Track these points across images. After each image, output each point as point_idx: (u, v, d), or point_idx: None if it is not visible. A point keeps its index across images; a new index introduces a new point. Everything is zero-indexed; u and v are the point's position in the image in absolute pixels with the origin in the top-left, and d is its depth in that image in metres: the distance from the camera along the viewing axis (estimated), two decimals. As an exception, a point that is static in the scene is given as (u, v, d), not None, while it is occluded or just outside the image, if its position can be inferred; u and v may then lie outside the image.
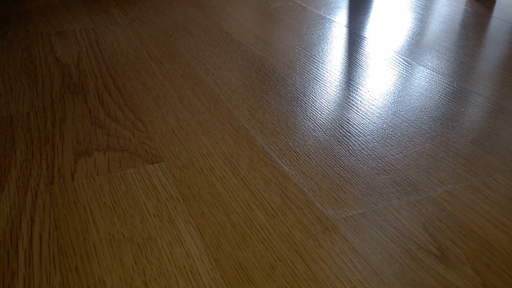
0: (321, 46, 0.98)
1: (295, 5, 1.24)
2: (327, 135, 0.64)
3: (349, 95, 0.77)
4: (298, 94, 0.76)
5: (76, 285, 0.40)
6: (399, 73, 0.86)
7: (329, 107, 0.72)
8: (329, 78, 0.82)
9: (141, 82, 0.79)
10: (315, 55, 0.92)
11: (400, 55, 0.94)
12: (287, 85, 0.79)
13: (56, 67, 0.84)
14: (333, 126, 0.67)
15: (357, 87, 0.79)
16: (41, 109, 0.69)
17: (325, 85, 0.80)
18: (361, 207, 0.50)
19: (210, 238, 0.45)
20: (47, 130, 0.63)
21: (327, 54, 0.93)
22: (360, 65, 0.89)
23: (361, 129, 0.66)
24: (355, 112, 0.71)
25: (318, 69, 0.86)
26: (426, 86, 0.81)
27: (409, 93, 0.78)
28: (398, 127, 0.67)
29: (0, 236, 0.45)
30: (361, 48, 0.98)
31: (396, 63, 0.90)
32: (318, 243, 0.45)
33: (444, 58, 0.93)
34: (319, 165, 0.57)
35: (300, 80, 0.81)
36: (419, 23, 1.17)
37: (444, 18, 1.21)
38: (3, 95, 0.73)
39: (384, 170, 0.57)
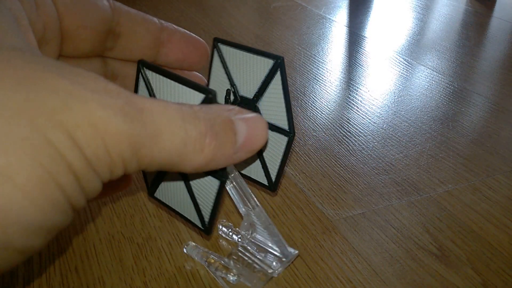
0: (321, 45, 0.97)
1: (295, 5, 1.24)
2: (327, 135, 0.64)
3: (349, 95, 0.77)
4: (298, 94, 0.76)
5: (76, 285, 0.40)
6: (400, 73, 0.86)
7: (329, 107, 0.72)
8: (329, 78, 0.82)
9: (141, 81, 0.79)
10: (315, 55, 0.92)
11: (400, 55, 0.94)
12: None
13: (56, 66, 0.84)
14: (333, 126, 0.67)
15: (357, 87, 0.79)
16: (41, 109, 0.69)
17: (325, 85, 0.80)
18: (362, 207, 0.50)
19: (210, 239, 0.45)
20: (47, 130, 0.63)
21: (327, 54, 0.93)
22: (360, 64, 0.89)
23: (361, 129, 0.66)
24: (355, 112, 0.71)
25: (318, 69, 0.86)
26: (426, 86, 0.81)
27: (409, 92, 0.78)
28: (398, 127, 0.67)
29: (0, 236, 0.45)
30: (361, 48, 0.98)
31: (396, 62, 0.90)
32: (318, 243, 0.45)
33: (445, 57, 0.93)
34: (319, 165, 0.57)
35: (300, 79, 0.81)
36: (419, 22, 1.17)
37: (444, 17, 1.21)
38: (3, 95, 0.73)
39: (385, 170, 0.57)
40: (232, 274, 0.39)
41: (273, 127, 0.37)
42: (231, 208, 0.49)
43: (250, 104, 0.38)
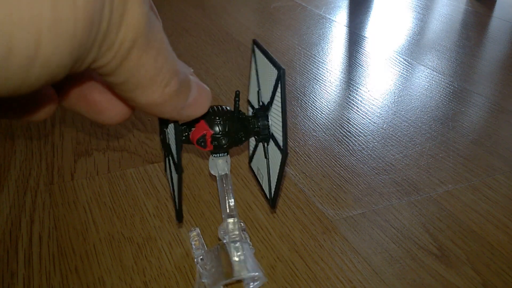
0: (321, 45, 0.97)
1: (295, 5, 1.24)
2: (327, 135, 0.64)
3: (349, 94, 0.77)
4: (298, 94, 0.76)
5: (76, 285, 0.40)
6: (400, 73, 0.86)
7: (329, 107, 0.72)
8: (329, 78, 0.82)
9: (141, 81, 0.79)
10: (315, 55, 0.92)
11: (400, 55, 0.94)
12: (287, 84, 0.79)
13: (56, 66, 0.84)
14: (333, 126, 0.67)
15: (357, 87, 0.79)
16: (41, 109, 0.69)
17: (325, 85, 0.80)
18: (362, 207, 0.50)
19: (210, 238, 0.45)
20: (47, 130, 0.63)
21: (327, 54, 0.93)
22: (360, 64, 0.89)
23: (362, 129, 0.66)
24: (355, 112, 0.71)
25: (318, 69, 0.86)
26: (426, 86, 0.81)
27: (409, 92, 0.78)
28: (398, 127, 0.67)
29: (0, 236, 0.45)
30: (361, 48, 0.98)
31: (396, 62, 0.90)
32: (318, 243, 0.45)
33: (445, 57, 0.93)
34: (319, 165, 0.57)
35: (300, 79, 0.81)
36: (419, 22, 1.17)
37: (444, 17, 1.21)
38: (3, 95, 0.73)
39: (385, 170, 0.57)
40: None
41: (274, 140, 0.36)
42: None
43: (264, 112, 0.37)
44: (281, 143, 0.35)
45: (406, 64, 0.89)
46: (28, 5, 0.14)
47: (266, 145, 0.38)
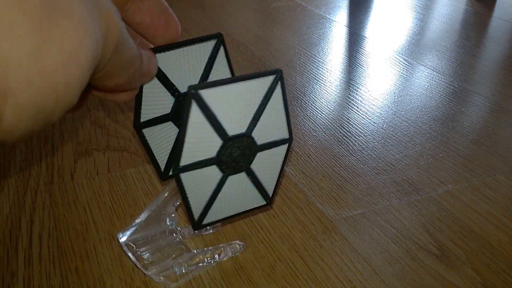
0: (321, 45, 0.97)
1: (295, 5, 1.24)
2: (327, 135, 0.64)
3: (349, 94, 0.77)
4: (298, 94, 0.76)
5: (76, 285, 0.40)
6: (400, 73, 0.86)
7: (329, 107, 0.72)
8: (329, 78, 0.82)
9: (141, 81, 0.79)
10: (315, 55, 0.92)
11: (400, 55, 0.94)
12: (287, 85, 0.79)
13: (56, 66, 0.84)
14: (333, 126, 0.67)
15: (357, 87, 0.79)
16: (41, 109, 0.69)
17: (325, 85, 0.80)
18: (362, 207, 0.50)
19: (210, 238, 0.45)
20: (47, 130, 0.63)
21: (327, 54, 0.93)
22: (360, 64, 0.89)
23: (362, 129, 0.66)
24: (355, 112, 0.71)
25: (318, 69, 0.86)
26: (426, 86, 0.81)
27: (409, 92, 0.78)
28: (398, 127, 0.67)
29: (0, 236, 0.45)
30: (361, 48, 0.98)
31: (396, 62, 0.90)
32: (318, 243, 0.45)
33: (445, 57, 0.93)
34: (319, 165, 0.57)
35: (300, 79, 0.81)
36: (419, 22, 1.17)
37: (444, 17, 1.21)
38: (3, 95, 0.73)
39: (385, 170, 0.57)
40: None
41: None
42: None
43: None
44: None
45: (406, 64, 0.89)
46: (50, 83, 0.18)
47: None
